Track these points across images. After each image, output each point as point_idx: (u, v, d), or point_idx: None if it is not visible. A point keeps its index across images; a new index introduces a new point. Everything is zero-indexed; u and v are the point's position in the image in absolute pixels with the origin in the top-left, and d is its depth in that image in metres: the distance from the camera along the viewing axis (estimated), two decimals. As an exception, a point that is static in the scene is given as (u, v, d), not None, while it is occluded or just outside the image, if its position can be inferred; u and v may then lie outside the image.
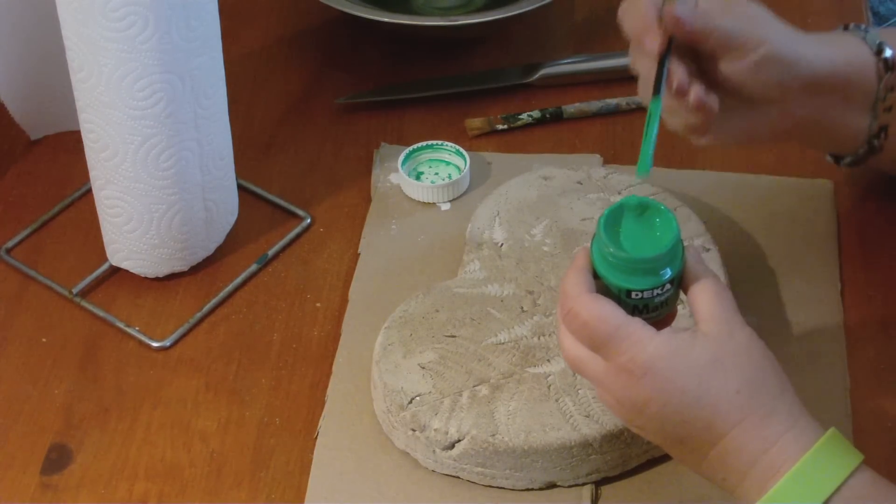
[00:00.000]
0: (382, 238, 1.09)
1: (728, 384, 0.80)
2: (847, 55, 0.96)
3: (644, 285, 0.82)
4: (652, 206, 0.83)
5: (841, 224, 1.09)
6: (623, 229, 0.83)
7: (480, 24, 1.22)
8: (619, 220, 0.83)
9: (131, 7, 0.92)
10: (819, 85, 0.95)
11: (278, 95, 1.22)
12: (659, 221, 0.83)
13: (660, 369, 0.80)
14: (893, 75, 0.97)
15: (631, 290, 0.82)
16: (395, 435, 0.93)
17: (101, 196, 1.02)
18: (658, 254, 0.81)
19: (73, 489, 0.93)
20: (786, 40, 0.93)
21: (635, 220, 0.83)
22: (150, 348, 1.01)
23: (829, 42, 0.97)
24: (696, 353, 0.81)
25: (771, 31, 0.93)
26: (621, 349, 0.80)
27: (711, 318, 0.82)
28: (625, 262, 0.81)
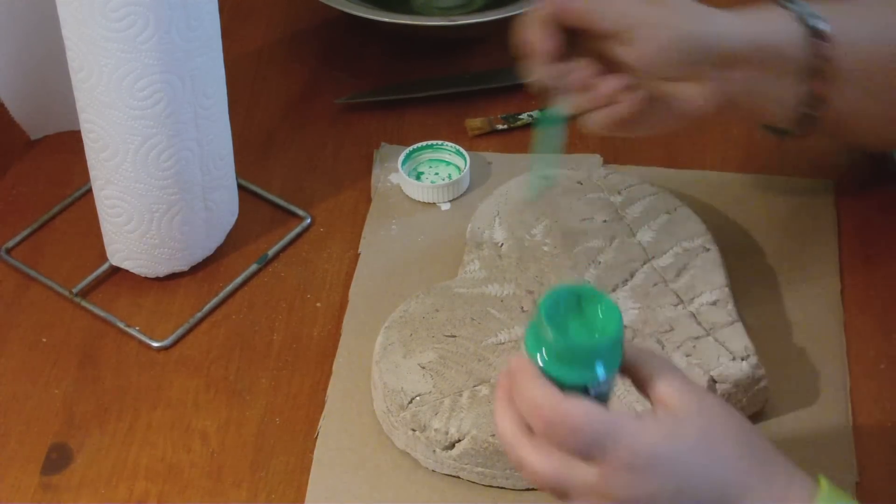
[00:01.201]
0: (382, 238, 1.09)
1: (726, 452, 0.77)
2: (765, 27, 0.94)
3: (600, 377, 0.75)
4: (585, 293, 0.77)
5: (841, 224, 1.09)
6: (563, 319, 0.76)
7: (480, 24, 1.22)
8: (557, 309, 0.76)
9: (131, 7, 0.92)
10: (734, 59, 0.93)
11: (278, 95, 1.23)
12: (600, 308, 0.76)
13: (663, 455, 0.75)
14: (820, 43, 0.94)
15: (589, 385, 0.75)
16: (396, 435, 0.94)
17: (102, 196, 1.02)
18: (613, 339, 0.75)
19: (74, 489, 0.93)
20: (689, 18, 0.92)
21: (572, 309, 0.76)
22: (151, 348, 1.01)
23: (744, 15, 0.95)
24: (688, 432, 0.76)
25: (671, 10, 0.92)
26: (620, 445, 0.74)
27: (678, 394, 0.77)
28: (582, 352, 0.74)
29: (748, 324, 0.98)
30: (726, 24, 0.93)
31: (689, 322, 0.96)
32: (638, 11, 0.91)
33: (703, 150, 1.16)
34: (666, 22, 0.91)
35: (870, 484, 0.91)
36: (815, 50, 0.94)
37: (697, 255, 1.01)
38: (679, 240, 1.02)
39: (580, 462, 0.75)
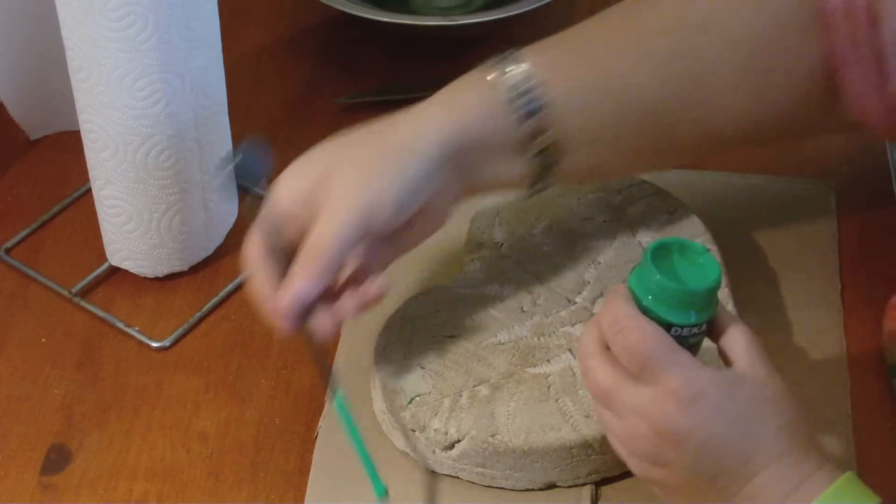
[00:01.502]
0: (382, 238, 1.08)
1: (772, 421, 0.79)
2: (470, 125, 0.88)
3: (686, 320, 0.81)
4: (694, 247, 0.83)
5: (841, 224, 1.09)
6: (667, 264, 0.82)
7: (480, 24, 1.22)
8: (664, 255, 0.82)
9: (131, 7, 0.92)
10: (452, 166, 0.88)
11: (278, 95, 1.22)
12: (702, 261, 0.82)
13: (711, 399, 0.78)
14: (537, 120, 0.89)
15: (673, 324, 0.81)
16: (395, 435, 0.93)
17: (101, 196, 1.02)
18: (705, 288, 0.81)
19: (73, 489, 0.93)
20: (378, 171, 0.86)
21: (678, 259, 0.83)
22: (150, 348, 1.01)
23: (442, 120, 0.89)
24: (743, 391, 0.79)
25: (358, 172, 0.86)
26: (672, 373, 0.78)
27: (750, 361, 0.81)
28: (673, 293, 0.80)
29: (748, 324, 0.98)
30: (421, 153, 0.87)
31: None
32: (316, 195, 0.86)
33: (704, 150, 1.16)
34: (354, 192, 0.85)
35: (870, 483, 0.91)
36: (531, 127, 0.89)
37: (698, 256, 1.01)
38: (679, 240, 1.02)
39: (635, 382, 0.79)
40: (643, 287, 0.81)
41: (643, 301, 0.81)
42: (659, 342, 0.79)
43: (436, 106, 0.91)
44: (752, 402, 0.79)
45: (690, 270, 0.82)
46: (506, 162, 0.91)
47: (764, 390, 0.80)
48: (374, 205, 0.85)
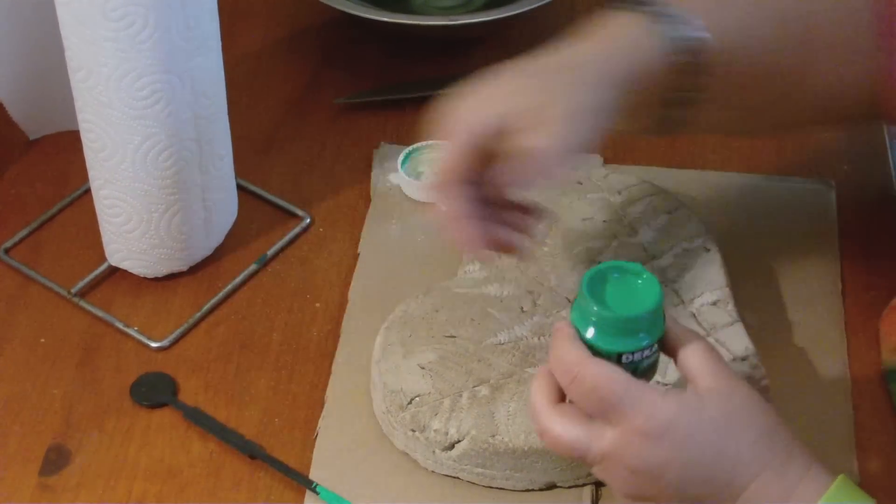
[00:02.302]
0: (382, 238, 1.08)
1: (745, 436, 0.78)
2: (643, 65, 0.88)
3: (636, 346, 0.79)
4: (631, 268, 0.81)
5: (841, 224, 1.09)
6: (606, 293, 0.80)
7: (480, 24, 1.22)
8: (601, 282, 0.81)
9: (131, 7, 0.92)
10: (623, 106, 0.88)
11: (278, 95, 1.22)
12: (640, 283, 0.80)
13: (679, 427, 0.77)
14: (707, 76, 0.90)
15: (623, 352, 0.79)
16: (395, 435, 0.93)
17: (100, 196, 1.02)
18: (647, 311, 0.79)
19: (72, 490, 0.93)
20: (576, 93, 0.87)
21: (616, 283, 0.81)
22: (149, 348, 1.01)
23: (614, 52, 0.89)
24: (709, 410, 0.78)
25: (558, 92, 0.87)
26: (636, 410, 0.77)
27: (711, 375, 0.79)
28: (615, 322, 0.79)
29: (748, 324, 0.98)
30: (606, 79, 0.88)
31: (690, 322, 0.96)
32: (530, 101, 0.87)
33: (703, 150, 1.16)
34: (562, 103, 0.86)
35: (870, 484, 0.91)
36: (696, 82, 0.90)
37: (697, 256, 1.01)
38: (679, 240, 1.02)
39: (598, 425, 0.78)
40: (584, 321, 0.79)
41: (586, 336, 0.79)
42: (615, 382, 0.77)
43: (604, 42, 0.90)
44: (721, 419, 0.78)
45: (630, 292, 0.80)
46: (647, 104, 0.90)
47: (730, 404, 0.78)
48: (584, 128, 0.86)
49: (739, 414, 0.79)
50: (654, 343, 0.80)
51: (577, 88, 0.87)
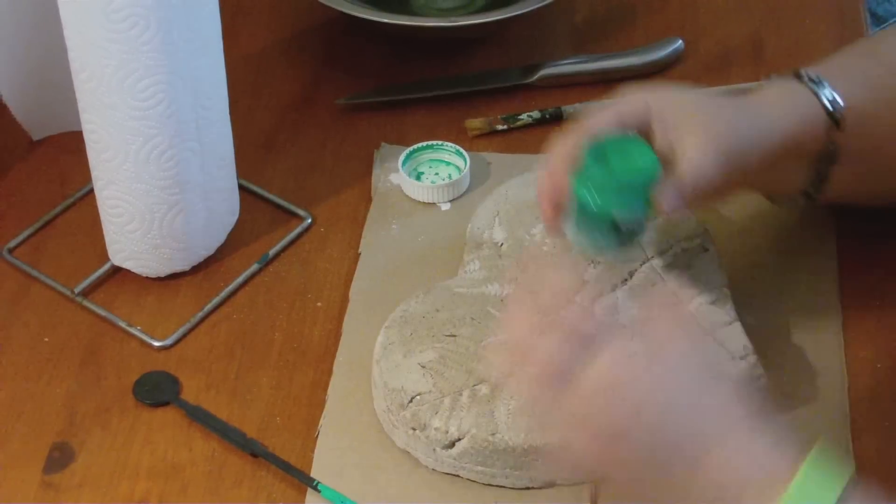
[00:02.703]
0: (383, 238, 1.09)
1: (726, 387, 0.79)
2: (799, 117, 0.95)
3: (628, 210, 0.87)
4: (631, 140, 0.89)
5: (840, 224, 1.09)
6: (609, 157, 0.88)
7: (480, 25, 1.22)
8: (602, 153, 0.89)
9: (133, 8, 0.92)
10: (772, 155, 0.94)
11: (279, 95, 1.23)
12: (636, 150, 0.89)
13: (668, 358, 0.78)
14: (843, 132, 0.96)
15: (618, 215, 0.87)
16: (396, 434, 0.94)
17: (103, 196, 1.02)
18: (639, 174, 0.87)
19: (75, 488, 0.93)
20: (740, 130, 0.92)
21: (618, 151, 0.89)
22: (152, 347, 1.02)
23: (779, 105, 0.96)
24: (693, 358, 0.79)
25: (723, 128, 0.92)
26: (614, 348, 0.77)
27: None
28: (610, 183, 0.87)
29: (747, 324, 0.98)
30: (764, 121, 0.94)
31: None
32: (684, 122, 0.91)
33: (703, 150, 1.16)
34: (718, 141, 0.91)
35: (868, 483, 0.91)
36: (832, 137, 0.96)
37: (696, 255, 1.01)
38: (678, 240, 1.02)
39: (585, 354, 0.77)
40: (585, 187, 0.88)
41: (588, 200, 0.87)
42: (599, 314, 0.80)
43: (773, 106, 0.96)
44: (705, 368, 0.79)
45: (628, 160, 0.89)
46: (796, 166, 0.98)
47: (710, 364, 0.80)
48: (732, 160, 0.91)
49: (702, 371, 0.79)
50: (649, 208, 0.88)
51: (737, 116, 0.93)
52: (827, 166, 0.98)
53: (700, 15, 1.29)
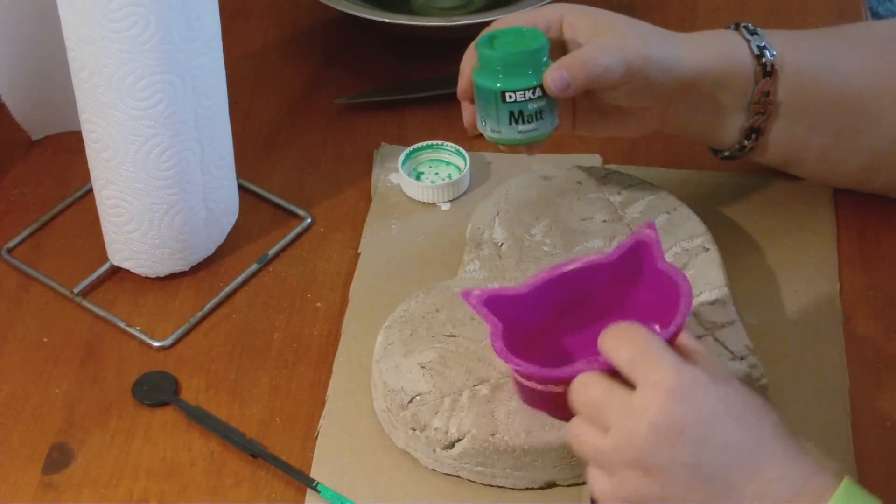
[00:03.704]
0: (383, 238, 1.09)
1: (767, 416, 0.78)
2: (722, 56, 0.99)
3: (515, 86, 0.94)
4: (523, 29, 0.97)
5: (840, 224, 1.09)
6: (498, 43, 0.97)
7: (480, 25, 1.22)
8: (495, 38, 0.97)
9: (132, 7, 0.92)
10: (689, 86, 0.98)
11: (278, 95, 1.23)
12: (528, 35, 0.96)
13: (709, 385, 0.77)
14: (769, 80, 0.99)
15: (505, 90, 0.95)
16: (396, 434, 0.94)
17: (102, 196, 1.02)
18: (523, 50, 0.95)
19: (75, 488, 0.93)
20: (651, 46, 0.97)
21: (510, 38, 0.97)
22: (151, 348, 1.02)
23: (703, 42, 1.00)
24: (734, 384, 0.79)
25: (633, 38, 0.96)
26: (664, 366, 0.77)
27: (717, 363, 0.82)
28: (496, 60, 0.95)
29: (748, 323, 0.98)
30: (683, 51, 0.98)
31: (689, 321, 0.96)
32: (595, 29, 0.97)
33: (703, 150, 1.16)
34: (624, 44, 0.96)
35: (869, 483, 0.91)
36: (763, 86, 0.99)
37: (697, 255, 1.01)
38: (679, 240, 1.02)
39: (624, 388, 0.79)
40: (477, 68, 0.97)
41: (476, 80, 0.96)
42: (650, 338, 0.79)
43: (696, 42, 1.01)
44: (747, 395, 0.79)
45: (517, 42, 0.96)
46: (724, 111, 1.01)
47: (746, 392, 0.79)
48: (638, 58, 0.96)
49: (755, 400, 0.79)
50: (537, 87, 0.95)
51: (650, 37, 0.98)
52: (761, 118, 1.01)
53: (700, 15, 1.30)
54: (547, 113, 0.97)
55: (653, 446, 0.77)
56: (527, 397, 0.90)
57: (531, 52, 0.95)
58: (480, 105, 0.98)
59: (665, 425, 0.76)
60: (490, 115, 0.97)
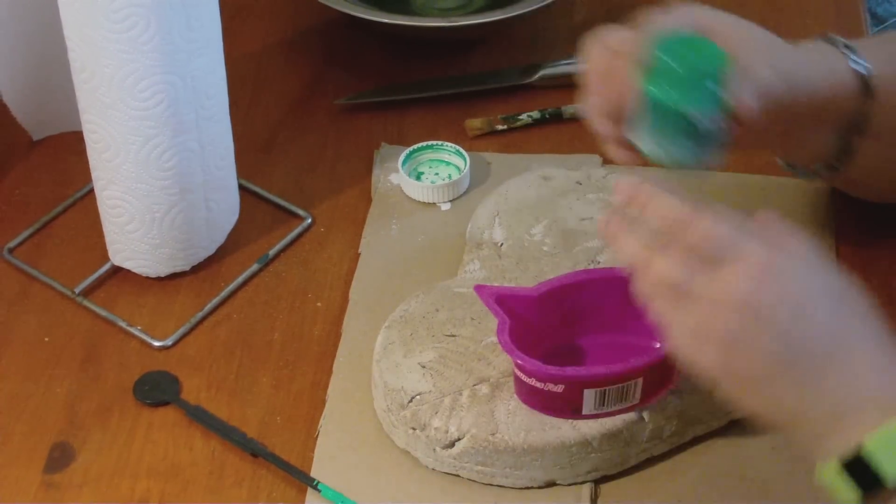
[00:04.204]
0: (383, 238, 1.09)
1: (859, 302, 0.77)
2: (826, 72, 0.94)
3: (707, 103, 0.81)
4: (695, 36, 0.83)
5: (838, 224, 1.09)
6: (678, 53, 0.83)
7: (480, 25, 1.23)
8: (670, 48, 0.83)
9: (133, 8, 0.92)
10: (796, 104, 0.92)
11: (279, 95, 1.23)
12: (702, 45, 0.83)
13: (809, 261, 0.76)
14: (873, 102, 0.94)
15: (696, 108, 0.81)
16: (396, 434, 0.94)
17: (103, 196, 1.02)
18: (719, 66, 0.81)
19: (76, 487, 0.93)
20: (787, 74, 0.91)
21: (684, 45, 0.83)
22: (152, 347, 1.02)
23: (807, 57, 0.94)
24: (828, 270, 0.77)
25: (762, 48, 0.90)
26: (754, 246, 0.76)
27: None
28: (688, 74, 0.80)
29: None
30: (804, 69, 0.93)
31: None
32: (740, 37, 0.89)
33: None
34: (767, 51, 0.90)
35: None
36: (862, 107, 0.95)
37: (696, 255, 1.01)
38: (678, 239, 1.02)
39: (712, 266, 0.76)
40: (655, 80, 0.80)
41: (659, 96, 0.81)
42: (732, 224, 0.77)
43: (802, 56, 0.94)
44: (841, 282, 0.77)
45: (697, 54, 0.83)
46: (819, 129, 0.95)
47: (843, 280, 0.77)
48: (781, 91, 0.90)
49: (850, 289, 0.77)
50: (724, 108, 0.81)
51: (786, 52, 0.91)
52: (855, 138, 0.96)
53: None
54: (725, 135, 0.85)
55: (741, 324, 0.75)
56: (525, 395, 0.90)
57: (722, 65, 0.83)
58: (655, 121, 0.85)
59: (758, 302, 0.75)
60: (668, 136, 0.86)
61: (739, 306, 0.75)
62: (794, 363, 0.75)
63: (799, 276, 0.76)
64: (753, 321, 0.75)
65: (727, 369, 0.76)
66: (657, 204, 0.80)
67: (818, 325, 0.75)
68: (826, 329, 0.75)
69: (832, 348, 0.75)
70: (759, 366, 0.75)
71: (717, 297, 0.76)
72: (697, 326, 0.76)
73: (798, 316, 0.75)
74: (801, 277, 0.76)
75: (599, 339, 0.92)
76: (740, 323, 0.75)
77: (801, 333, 0.75)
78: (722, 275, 0.76)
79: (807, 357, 0.75)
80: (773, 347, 0.75)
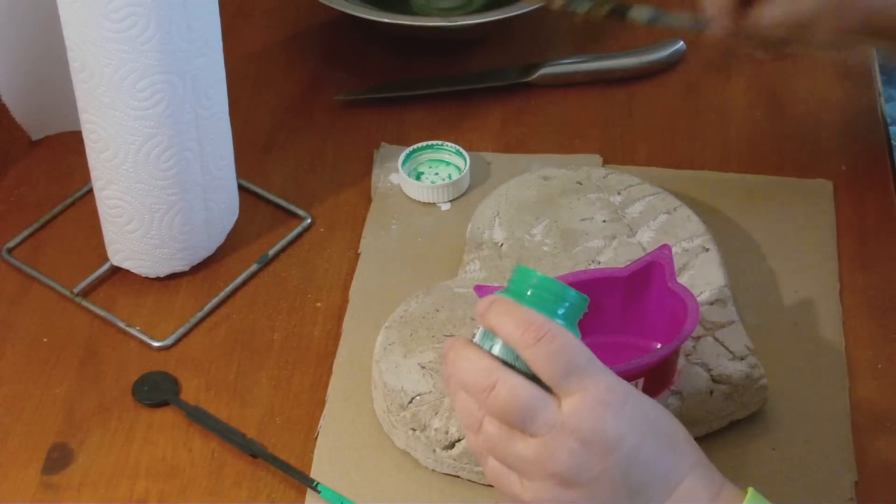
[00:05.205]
0: (382, 238, 1.09)
1: (682, 430, 0.78)
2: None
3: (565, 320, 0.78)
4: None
5: (840, 224, 1.09)
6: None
7: (480, 25, 1.23)
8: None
9: (132, 8, 0.92)
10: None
11: (278, 95, 1.23)
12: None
13: (639, 397, 0.76)
14: None
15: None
16: (396, 434, 0.94)
17: (102, 196, 1.02)
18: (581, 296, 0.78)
19: (75, 488, 0.93)
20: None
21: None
22: (151, 348, 1.02)
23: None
24: (650, 399, 0.78)
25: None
26: (599, 378, 0.75)
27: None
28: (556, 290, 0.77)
29: (748, 323, 0.98)
30: None
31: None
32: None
33: (703, 150, 1.16)
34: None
35: (869, 483, 0.92)
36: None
37: (697, 255, 1.01)
38: (679, 240, 1.02)
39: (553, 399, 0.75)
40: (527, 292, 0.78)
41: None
42: (580, 349, 0.75)
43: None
44: (662, 409, 0.78)
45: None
46: None
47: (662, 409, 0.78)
48: None
49: (670, 414, 0.78)
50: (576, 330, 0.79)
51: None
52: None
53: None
54: None
55: (582, 460, 0.74)
56: None
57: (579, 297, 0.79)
58: None
59: (599, 440, 0.74)
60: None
61: (583, 441, 0.74)
62: (633, 495, 0.75)
63: (637, 409, 0.75)
64: (596, 457, 0.74)
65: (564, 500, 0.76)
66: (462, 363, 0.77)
67: (655, 459, 0.75)
68: (661, 459, 0.75)
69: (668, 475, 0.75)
70: (600, 499, 0.75)
71: (559, 432, 0.74)
72: (538, 458, 0.75)
73: (638, 451, 0.75)
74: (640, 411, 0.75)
75: (599, 339, 0.92)
76: (582, 459, 0.74)
77: (639, 469, 0.75)
78: (567, 408, 0.74)
79: (645, 487, 0.75)
80: (611, 484, 0.74)
